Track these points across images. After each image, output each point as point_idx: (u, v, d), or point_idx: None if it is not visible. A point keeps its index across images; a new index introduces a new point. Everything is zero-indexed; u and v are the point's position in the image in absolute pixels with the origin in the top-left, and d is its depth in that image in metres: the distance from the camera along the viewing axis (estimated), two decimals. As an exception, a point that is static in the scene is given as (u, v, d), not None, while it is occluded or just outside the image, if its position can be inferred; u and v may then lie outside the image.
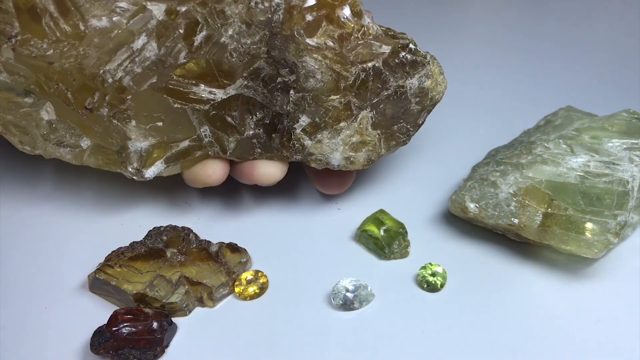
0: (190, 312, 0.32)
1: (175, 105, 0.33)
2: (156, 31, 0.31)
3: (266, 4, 0.30)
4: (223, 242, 0.35)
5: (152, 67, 0.32)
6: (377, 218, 0.35)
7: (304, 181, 0.40)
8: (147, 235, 0.35)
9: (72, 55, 0.31)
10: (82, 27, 0.31)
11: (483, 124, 0.44)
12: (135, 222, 0.37)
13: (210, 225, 0.37)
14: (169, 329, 0.31)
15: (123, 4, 0.31)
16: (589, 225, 0.32)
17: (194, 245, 0.34)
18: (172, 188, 0.39)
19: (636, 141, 0.34)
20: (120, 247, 0.34)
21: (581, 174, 0.33)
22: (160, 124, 0.33)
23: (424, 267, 0.33)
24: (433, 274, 0.33)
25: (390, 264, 0.35)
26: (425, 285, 0.33)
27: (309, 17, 0.31)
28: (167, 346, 0.31)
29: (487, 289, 0.33)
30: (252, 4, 0.31)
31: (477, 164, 0.38)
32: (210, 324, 0.32)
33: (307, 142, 0.33)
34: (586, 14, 0.57)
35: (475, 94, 0.47)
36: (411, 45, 0.32)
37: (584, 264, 0.34)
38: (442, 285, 0.33)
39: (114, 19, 0.31)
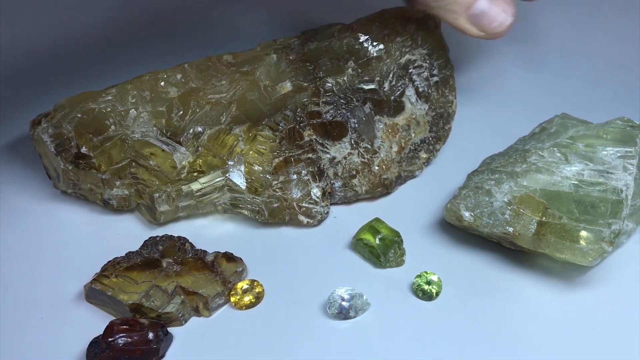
0: (186, 322, 0.32)
1: None
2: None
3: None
4: (219, 252, 0.35)
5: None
6: (373, 226, 0.35)
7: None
8: (143, 245, 0.35)
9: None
10: None
11: (478, 131, 0.44)
12: (131, 232, 0.37)
13: (206, 234, 0.37)
14: (165, 339, 0.31)
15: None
16: (583, 233, 0.32)
17: (190, 255, 0.34)
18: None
19: (630, 149, 0.34)
20: (116, 257, 0.34)
21: (575, 182, 0.33)
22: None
23: (419, 276, 0.33)
24: (428, 283, 0.33)
25: (385, 273, 0.35)
26: (421, 294, 0.33)
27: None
28: (163, 356, 0.31)
29: (483, 297, 0.33)
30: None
31: (472, 172, 0.38)
32: (206, 333, 0.32)
33: None
34: (581, 21, 0.57)
35: (471, 101, 0.47)
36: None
37: (579, 271, 0.34)
38: (437, 294, 0.33)
39: None
